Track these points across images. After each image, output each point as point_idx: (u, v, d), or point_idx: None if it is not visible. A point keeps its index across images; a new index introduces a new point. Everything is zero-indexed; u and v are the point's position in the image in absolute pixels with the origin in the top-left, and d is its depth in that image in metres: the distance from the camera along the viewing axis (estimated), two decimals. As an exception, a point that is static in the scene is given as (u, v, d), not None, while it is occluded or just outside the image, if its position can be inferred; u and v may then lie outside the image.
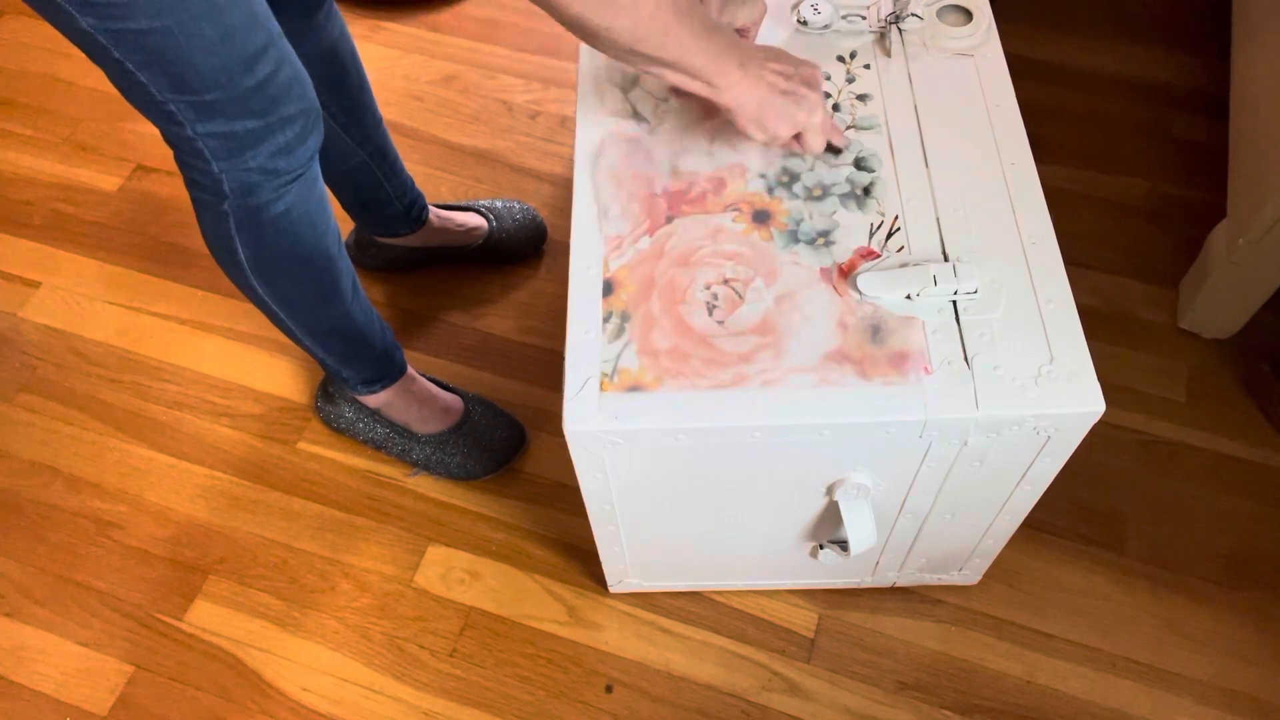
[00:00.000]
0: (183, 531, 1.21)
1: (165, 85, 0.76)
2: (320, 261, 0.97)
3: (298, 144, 0.85)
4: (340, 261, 1.00)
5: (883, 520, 0.94)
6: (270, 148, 0.84)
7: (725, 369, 0.78)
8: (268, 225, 0.90)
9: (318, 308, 1.02)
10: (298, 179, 0.89)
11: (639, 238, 0.86)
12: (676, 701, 1.07)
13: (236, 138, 0.82)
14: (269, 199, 0.88)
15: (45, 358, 1.36)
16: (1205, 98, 1.54)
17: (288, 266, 0.96)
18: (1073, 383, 0.76)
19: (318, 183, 0.93)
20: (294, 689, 1.10)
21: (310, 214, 0.92)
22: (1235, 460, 1.20)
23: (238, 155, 0.83)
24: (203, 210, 0.90)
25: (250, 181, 0.86)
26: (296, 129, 0.84)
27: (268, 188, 0.87)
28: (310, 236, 0.94)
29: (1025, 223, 0.85)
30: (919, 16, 0.97)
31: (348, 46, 1.09)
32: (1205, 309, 1.26)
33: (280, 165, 0.86)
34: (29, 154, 1.58)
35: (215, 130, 0.80)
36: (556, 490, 1.22)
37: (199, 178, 0.86)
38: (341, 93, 1.10)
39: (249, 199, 0.87)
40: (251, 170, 0.85)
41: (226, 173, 0.84)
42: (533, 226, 1.41)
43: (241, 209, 0.88)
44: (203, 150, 0.82)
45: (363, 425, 1.22)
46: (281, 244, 0.93)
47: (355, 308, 1.05)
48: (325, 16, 1.04)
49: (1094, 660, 1.08)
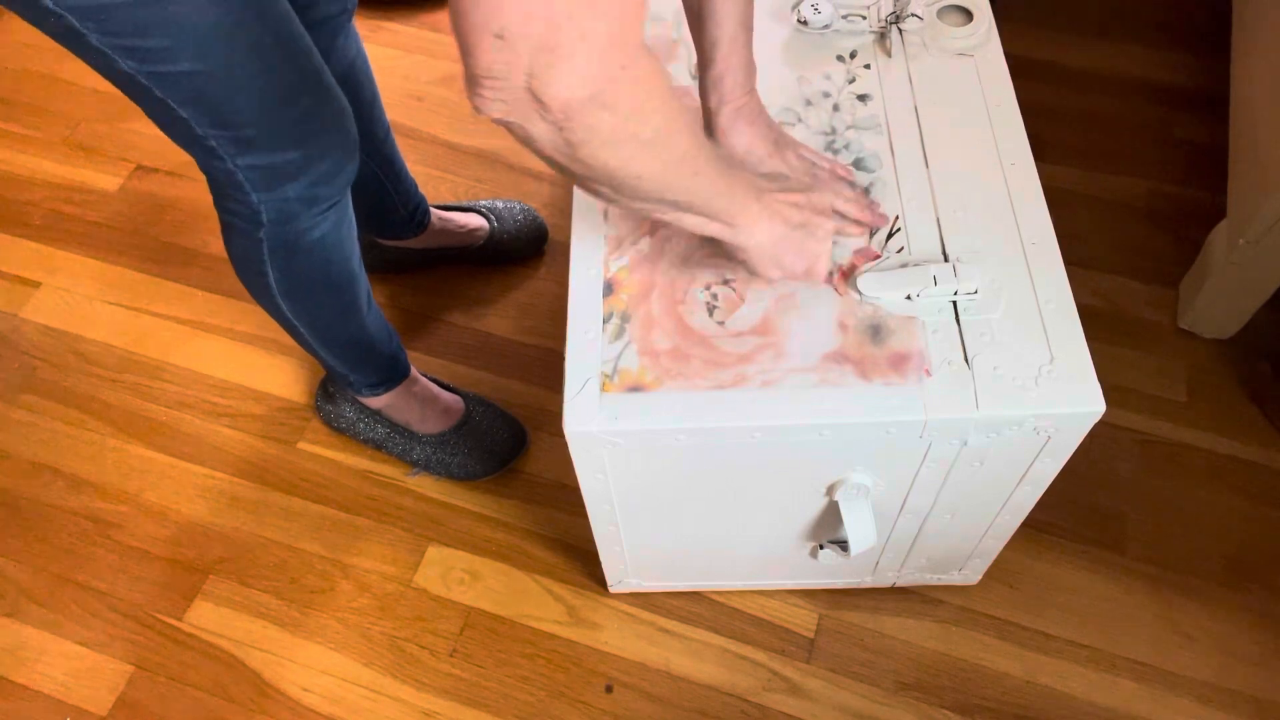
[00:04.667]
0: (183, 531, 1.21)
1: (207, 122, 0.76)
2: (345, 281, 0.98)
3: (336, 172, 0.85)
4: (360, 277, 1.01)
5: (883, 520, 0.94)
6: (310, 178, 0.83)
7: (725, 369, 0.78)
8: (302, 252, 0.90)
9: (338, 323, 1.03)
10: (334, 206, 0.89)
11: (639, 238, 0.86)
12: (676, 701, 1.07)
13: (276, 169, 0.81)
14: (306, 227, 0.88)
15: (45, 358, 1.36)
16: (1205, 98, 1.54)
17: (316, 289, 0.96)
18: (1073, 383, 0.76)
19: (349, 209, 0.93)
20: (294, 689, 1.10)
21: (341, 239, 0.93)
22: (1235, 460, 1.20)
23: (278, 186, 0.83)
24: (234, 234, 0.90)
25: (289, 211, 0.86)
26: (335, 159, 0.84)
27: (305, 217, 0.87)
28: (339, 259, 0.95)
29: (1025, 223, 0.85)
30: (919, 16, 0.97)
31: (363, 64, 1.10)
32: (1205, 309, 1.26)
33: (319, 194, 0.86)
34: (29, 154, 1.58)
35: (255, 163, 0.80)
36: (556, 490, 1.22)
37: (236, 207, 0.86)
38: (356, 109, 1.10)
39: (286, 227, 0.87)
40: (290, 200, 0.85)
41: (265, 203, 0.84)
42: (533, 227, 1.41)
43: (276, 236, 0.88)
44: (243, 183, 0.82)
45: (363, 425, 1.22)
46: (313, 269, 0.93)
47: (370, 318, 1.06)
48: (346, 38, 1.04)
49: (1094, 660, 1.08)
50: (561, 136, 0.56)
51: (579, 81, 0.53)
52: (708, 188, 0.70)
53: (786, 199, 0.78)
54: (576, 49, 0.52)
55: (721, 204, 0.72)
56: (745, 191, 0.74)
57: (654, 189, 0.66)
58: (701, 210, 0.71)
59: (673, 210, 0.70)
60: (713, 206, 0.71)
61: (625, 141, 0.59)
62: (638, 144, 0.60)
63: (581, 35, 0.51)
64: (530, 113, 0.54)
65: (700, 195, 0.70)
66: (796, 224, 0.78)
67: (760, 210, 0.75)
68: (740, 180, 0.74)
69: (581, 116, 0.55)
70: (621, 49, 0.54)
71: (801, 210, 0.79)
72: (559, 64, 0.52)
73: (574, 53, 0.52)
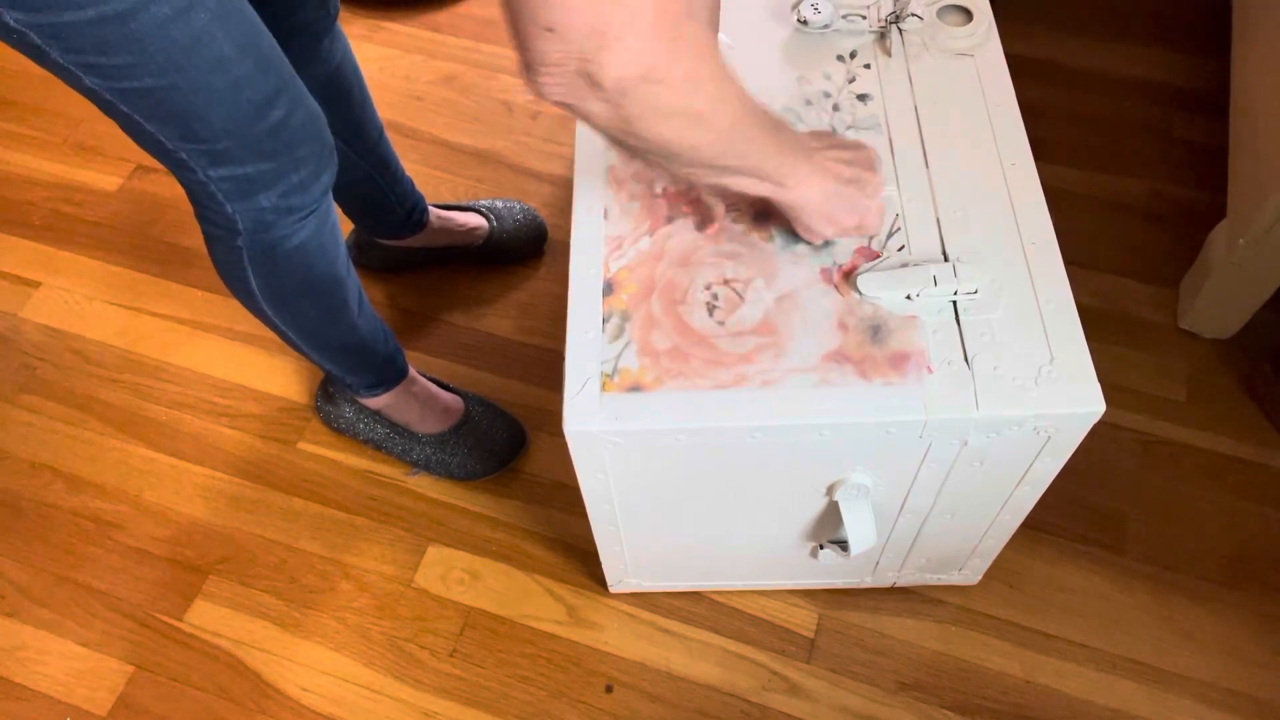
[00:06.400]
0: (183, 531, 1.21)
1: (175, 135, 0.76)
2: (331, 286, 0.97)
3: (311, 181, 0.85)
4: (349, 281, 1.00)
5: (883, 520, 0.94)
6: (283, 187, 0.83)
7: (725, 369, 0.78)
8: (281, 259, 0.90)
9: (326, 327, 1.03)
10: (312, 214, 0.88)
11: (639, 238, 0.86)
12: (676, 701, 1.07)
13: (249, 180, 0.81)
14: (283, 234, 0.88)
15: (45, 358, 1.36)
16: (1205, 98, 1.54)
17: (300, 294, 0.96)
18: (1073, 383, 0.76)
19: (331, 213, 0.92)
20: (294, 689, 1.10)
21: (324, 245, 0.92)
22: (1235, 460, 1.20)
23: (251, 197, 0.83)
24: (215, 244, 0.90)
25: (265, 220, 0.85)
26: (310, 168, 0.84)
27: (282, 225, 0.87)
28: (323, 265, 0.94)
29: (1025, 223, 0.85)
30: (919, 16, 0.97)
31: (351, 66, 1.09)
32: (1205, 309, 1.26)
33: (294, 203, 0.85)
34: (29, 154, 1.58)
35: (227, 174, 0.80)
36: (556, 490, 1.22)
37: (213, 216, 0.86)
38: (345, 111, 1.10)
39: (263, 235, 0.87)
40: (265, 210, 0.84)
41: (240, 212, 0.84)
42: (533, 227, 1.41)
43: (255, 245, 0.87)
44: (215, 194, 0.82)
45: (363, 425, 1.22)
46: (294, 275, 0.93)
47: (361, 320, 1.05)
48: (330, 41, 1.04)
49: (1094, 660, 1.08)
50: (618, 114, 0.58)
51: (630, 60, 0.55)
52: (760, 151, 0.71)
53: (836, 155, 0.80)
54: (625, 30, 0.53)
55: (773, 165, 0.73)
56: (795, 151, 0.75)
57: (710, 156, 0.68)
58: (754, 172, 0.72)
59: (726, 175, 0.71)
60: (765, 168, 0.73)
61: (680, 113, 0.61)
62: (692, 115, 0.62)
63: (629, 16, 0.53)
64: (586, 94, 0.56)
65: (753, 159, 0.71)
66: (847, 179, 0.80)
67: (811, 169, 0.76)
68: (789, 140, 0.76)
69: (636, 94, 0.57)
70: (668, 23, 0.56)
71: (851, 166, 0.81)
72: (609, 46, 0.54)
73: (622, 34, 0.54)
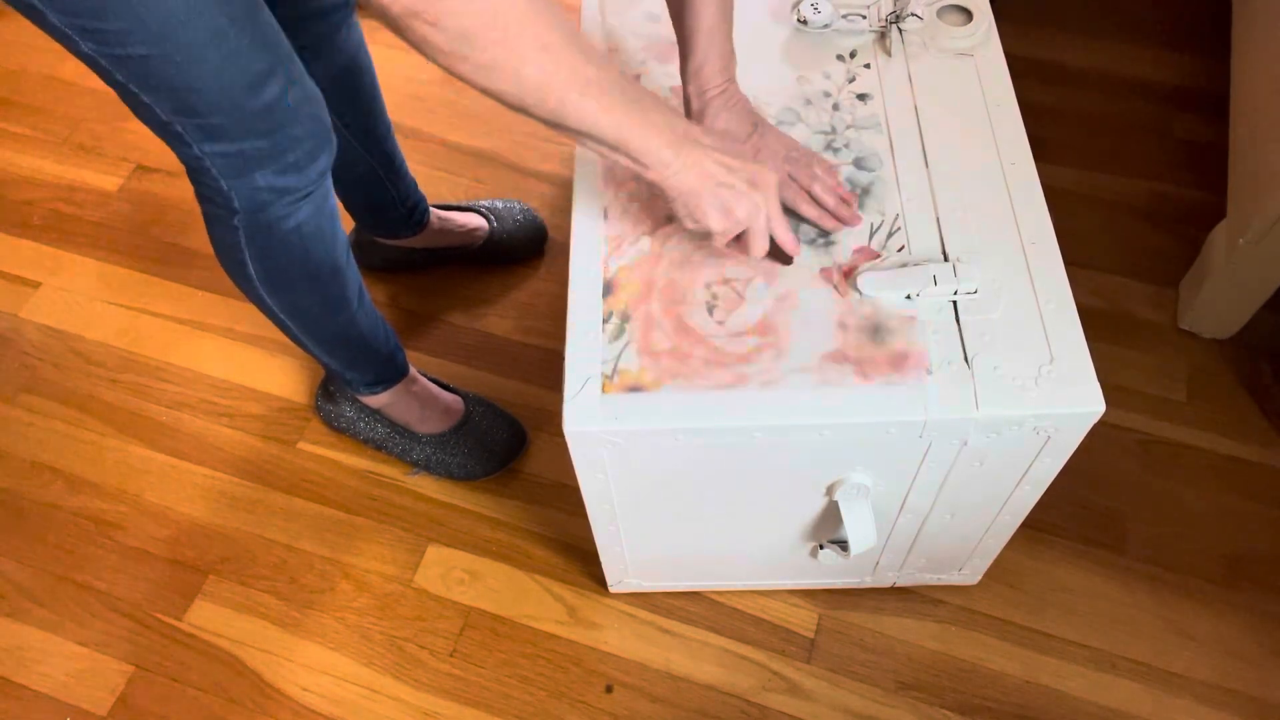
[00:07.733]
0: (183, 531, 1.21)
1: (169, 108, 0.76)
2: (329, 274, 0.97)
3: (307, 162, 0.85)
4: (348, 271, 1.00)
5: (883, 520, 0.94)
6: (278, 166, 0.83)
7: (725, 369, 0.78)
8: (278, 241, 0.90)
9: (325, 317, 1.02)
10: (308, 196, 0.88)
11: (639, 238, 0.86)
12: (676, 701, 1.07)
13: (243, 157, 0.81)
14: (280, 215, 0.87)
15: (45, 358, 1.36)
16: (1205, 98, 1.54)
17: (297, 279, 0.96)
18: (1073, 383, 0.76)
19: (329, 198, 0.92)
20: (294, 689, 1.10)
21: (321, 229, 0.92)
22: (1235, 460, 1.20)
23: (246, 174, 0.83)
24: (213, 223, 0.90)
25: (260, 199, 0.85)
26: (306, 148, 0.84)
27: (278, 205, 0.86)
28: (320, 250, 0.94)
29: (1025, 223, 0.85)
30: (919, 16, 0.97)
31: (365, 59, 1.10)
32: (1205, 309, 1.26)
33: (290, 183, 0.85)
34: (29, 154, 1.58)
35: (221, 150, 0.80)
36: (556, 490, 1.22)
37: (209, 193, 0.86)
38: (356, 103, 1.10)
39: (259, 215, 0.86)
40: (260, 189, 0.84)
41: (236, 190, 0.84)
42: (533, 227, 1.41)
43: (252, 224, 0.87)
44: (210, 169, 0.82)
45: (363, 425, 1.22)
46: (291, 258, 0.93)
47: (361, 314, 1.05)
48: (348, 31, 1.04)
49: (1094, 660, 1.08)
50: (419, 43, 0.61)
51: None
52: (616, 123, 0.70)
53: (718, 157, 0.76)
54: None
55: (636, 144, 0.72)
56: (655, 131, 0.72)
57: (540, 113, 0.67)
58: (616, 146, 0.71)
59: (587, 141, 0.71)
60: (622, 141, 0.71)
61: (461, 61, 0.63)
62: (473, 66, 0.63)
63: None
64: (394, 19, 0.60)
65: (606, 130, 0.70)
66: (719, 182, 0.75)
67: (674, 157, 0.73)
68: (654, 120, 0.72)
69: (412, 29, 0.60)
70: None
71: (731, 174, 0.76)
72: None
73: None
